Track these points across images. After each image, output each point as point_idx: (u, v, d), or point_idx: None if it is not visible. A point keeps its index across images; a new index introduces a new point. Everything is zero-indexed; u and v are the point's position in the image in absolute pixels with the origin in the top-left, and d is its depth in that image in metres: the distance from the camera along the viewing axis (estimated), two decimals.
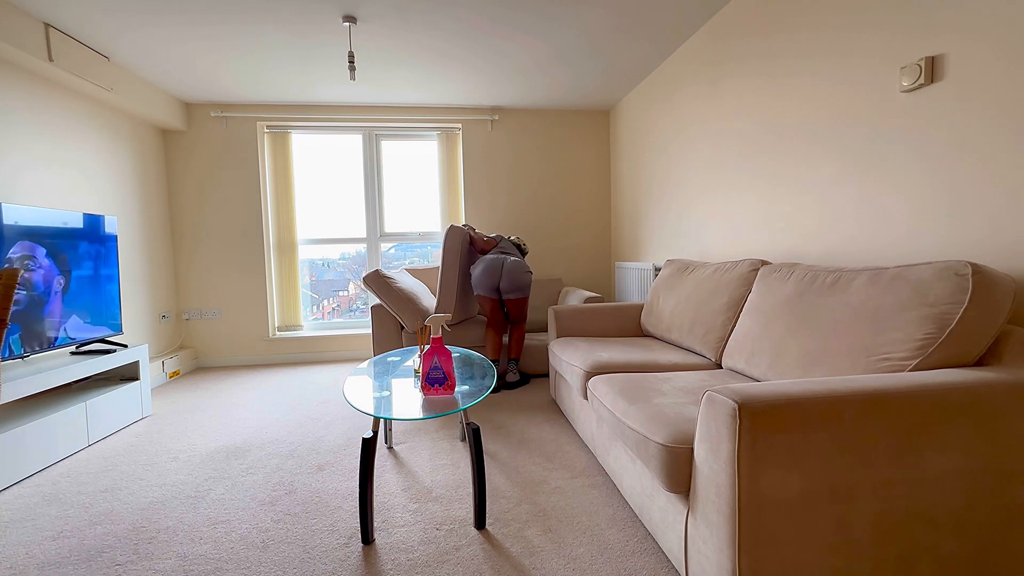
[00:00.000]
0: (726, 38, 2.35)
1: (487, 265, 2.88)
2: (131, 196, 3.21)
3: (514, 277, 2.85)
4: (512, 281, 2.85)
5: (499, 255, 2.93)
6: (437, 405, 1.43)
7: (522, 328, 2.95)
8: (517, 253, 3.06)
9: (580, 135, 4.05)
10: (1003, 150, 1.23)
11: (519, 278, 2.86)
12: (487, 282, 2.85)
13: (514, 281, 2.85)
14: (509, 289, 2.86)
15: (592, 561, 1.29)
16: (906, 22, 1.45)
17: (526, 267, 2.92)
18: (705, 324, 1.96)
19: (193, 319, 3.74)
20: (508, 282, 2.85)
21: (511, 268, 2.86)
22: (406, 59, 2.89)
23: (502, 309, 2.94)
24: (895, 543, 0.99)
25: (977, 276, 1.08)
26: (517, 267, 2.87)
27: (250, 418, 2.51)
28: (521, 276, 2.87)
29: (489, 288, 2.86)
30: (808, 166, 1.87)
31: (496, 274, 2.85)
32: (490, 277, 2.85)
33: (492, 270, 2.86)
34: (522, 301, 2.91)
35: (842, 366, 1.26)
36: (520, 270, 2.88)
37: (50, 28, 2.35)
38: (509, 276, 2.86)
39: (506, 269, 2.87)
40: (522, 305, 2.91)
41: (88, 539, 1.45)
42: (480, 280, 2.87)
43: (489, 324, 2.93)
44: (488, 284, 2.85)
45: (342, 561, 1.32)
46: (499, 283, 2.85)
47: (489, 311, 2.91)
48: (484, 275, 2.86)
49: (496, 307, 2.91)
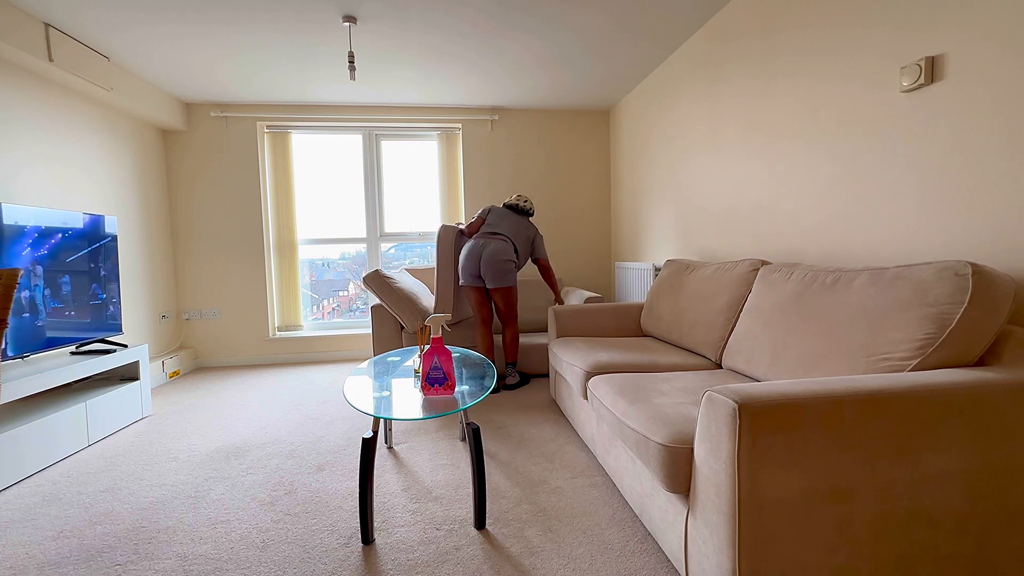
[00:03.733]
0: (725, 38, 2.35)
1: (467, 250, 2.69)
2: (131, 196, 3.21)
3: (493, 265, 2.60)
4: (491, 268, 2.60)
5: (481, 239, 2.69)
6: (437, 405, 1.43)
7: (514, 329, 2.75)
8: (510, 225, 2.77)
9: (580, 135, 4.05)
10: (1003, 150, 1.23)
11: (499, 265, 2.60)
12: (467, 268, 2.66)
13: (493, 269, 2.60)
14: (489, 277, 2.62)
15: (592, 561, 1.29)
16: (906, 22, 1.45)
17: (508, 254, 2.65)
18: (705, 324, 1.96)
19: (193, 319, 3.74)
20: (487, 270, 2.61)
21: (490, 255, 2.61)
22: (406, 59, 2.89)
23: (490, 302, 2.77)
24: (895, 543, 0.99)
25: (977, 276, 1.08)
26: (497, 253, 2.62)
27: (250, 418, 2.51)
28: (501, 264, 2.61)
29: (470, 275, 2.66)
30: (808, 166, 1.87)
31: (475, 260, 2.63)
32: (470, 262, 2.65)
33: (471, 255, 2.65)
34: (506, 292, 2.66)
35: (842, 366, 1.26)
36: (500, 256, 2.61)
37: (50, 28, 2.35)
38: (488, 264, 2.60)
39: (485, 256, 2.61)
40: (507, 297, 2.67)
41: (88, 539, 1.45)
42: (462, 267, 2.70)
43: (478, 321, 2.77)
44: (469, 271, 2.66)
45: (342, 561, 1.32)
46: (479, 271, 2.65)
47: (476, 303, 2.73)
48: (465, 261, 2.68)
49: (483, 299, 2.73)
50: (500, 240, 2.70)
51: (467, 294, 2.77)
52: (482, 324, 2.78)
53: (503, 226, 2.77)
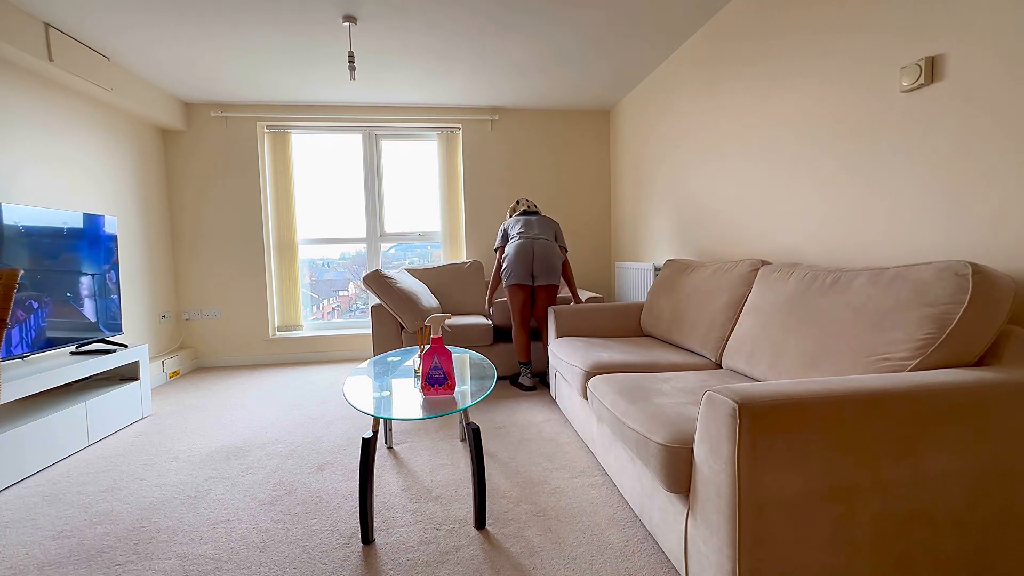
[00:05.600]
0: (724, 39, 2.35)
1: (518, 249, 2.70)
2: (131, 196, 3.21)
3: (546, 260, 2.68)
4: (544, 264, 2.68)
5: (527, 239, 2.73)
6: (437, 405, 1.43)
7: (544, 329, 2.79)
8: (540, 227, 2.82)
9: (580, 135, 4.05)
10: (1003, 150, 1.23)
11: (551, 260, 2.69)
12: (519, 267, 2.68)
13: (546, 264, 2.68)
14: (541, 273, 2.68)
15: (592, 561, 1.29)
16: (906, 21, 1.45)
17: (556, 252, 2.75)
18: (705, 324, 1.96)
19: (193, 319, 3.74)
20: (540, 265, 2.68)
21: (543, 251, 2.68)
22: (406, 59, 2.89)
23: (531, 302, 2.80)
24: (895, 543, 1.00)
25: (977, 276, 1.08)
26: (548, 249, 2.70)
27: (250, 418, 2.51)
28: (553, 259, 2.71)
29: (523, 274, 2.68)
30: (808, 166, 1.87)
31: (528, 258, 2.67)
32: (522, 261, 2.67)
33: (523, 254, 2.68)
34: (553, 290, 2.76)
35: (842, 366, 1.26)
36: (551, 252, 2.71)
37: (50, 28, 2.35)
38: (542, 260, 2.67)
39: (538, 253, 2.68)
40: (552, 295, 2.77)
41: (88, 539, 1.45)
42: (512, 267, 2.69)
43: (520, 321, 2.79)
44: (521, 269, 2.68)
45: (342, 561, 1.32)
46: (533, 268, 2.68)
47: (522, 303, 2.75)
48: (516, 260, 2.68)
49: (527, 299, 2.76)
50: (544, 241, 2.75)
51: (514, 293, 2.76)
52: (524, 324, 2.81)
53: (535, 228, 2.80)
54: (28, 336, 2.05)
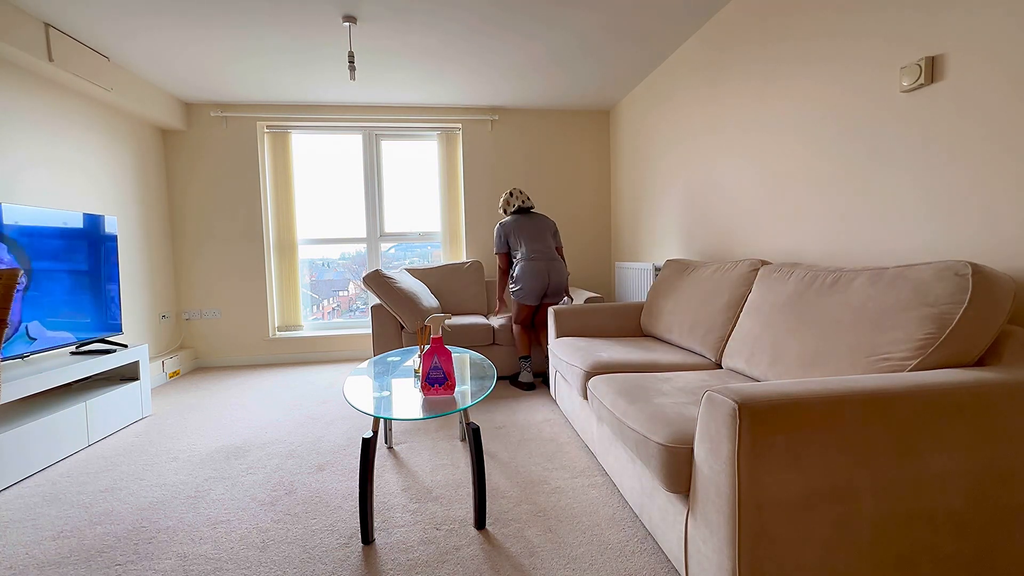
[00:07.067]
0: (723, 39, 2.35)
1: (533, 273, 2.79)
2: (131, 196, 3.21)
3: (559, 286, 2.86)
4: (556, 288, 2.86)
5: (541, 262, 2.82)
6: (437, 405, 1.43)
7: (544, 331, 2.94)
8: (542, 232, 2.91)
9: (580, 135, 4.05)
10: (1004, 149, 1.23)
11: (562, 284, 2.88)
12: (535, 289, 2.80)
13: (557, 287, 2.86)
14: (553, 294, 2.87)
15: (592, 561, 1.29)
16: (906, 21, 1.45)
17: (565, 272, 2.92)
18: (705, 324, 1.96)
19: (193, 319, 3.74)
20: (554, 289, 2.85)
21: (558, 277, 2.85)
22: (406, 59, 2.89)
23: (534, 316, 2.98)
24: (895, 543, 0.99)
25: (977, 276, 1.08)
26: (561, 274, 2.87)
27: (250, 418, 2.51)
28: (564, 283, 2.89)
29: (538, 295, 2.82)
30: (808, 166, 1.87)
31: (544, 282, 2.81)
32: (537, 284, 2.80)
33: (539, 277, 2.80)
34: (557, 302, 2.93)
35: (842, 366, 1.26)
36: (563, 276, 2.88)
37: (50, 28, 2.35)
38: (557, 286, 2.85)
39: (554, 280, 2.84)
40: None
41: (88, 539, 1.45)
42: (527, 288, 2.80)
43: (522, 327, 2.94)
44: (536, 292, 2.81)
45: (342, 561, 1.32)
46: (547, 290, 2.84)
47: (527, 315, 2.91)
48: (532, 283, 2.79)
49: (531, 314, 2.93)
50: (558, 264, 2.87)
51: (522, 308, 2.90)
52: (524, 329, 2.95)
53: (541, 240, 2.88)
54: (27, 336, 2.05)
